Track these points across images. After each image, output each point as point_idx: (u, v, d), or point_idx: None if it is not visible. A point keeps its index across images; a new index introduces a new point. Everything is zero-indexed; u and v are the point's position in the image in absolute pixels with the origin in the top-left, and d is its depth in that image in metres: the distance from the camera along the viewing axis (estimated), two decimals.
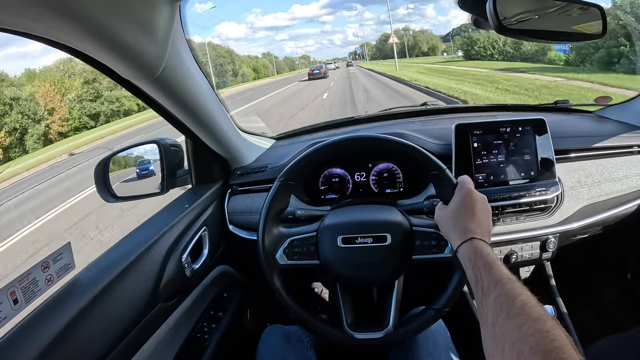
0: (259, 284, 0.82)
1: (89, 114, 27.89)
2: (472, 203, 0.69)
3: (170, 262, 0.86)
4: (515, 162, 1.04)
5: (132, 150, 1.11)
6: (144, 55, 0.65)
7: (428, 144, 1.10)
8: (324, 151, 0.83)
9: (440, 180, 0.77)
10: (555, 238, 1.06)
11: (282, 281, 0.81)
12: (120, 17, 0.57)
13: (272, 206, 0.81)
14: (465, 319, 1.06)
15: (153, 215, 0.98)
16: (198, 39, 75.53)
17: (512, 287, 0.51)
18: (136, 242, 0.82)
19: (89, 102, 28.06)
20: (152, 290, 0.80)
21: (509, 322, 0.46)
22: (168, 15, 0.65)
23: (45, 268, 0.67)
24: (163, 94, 0.79)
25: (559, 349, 0.40)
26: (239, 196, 1.14)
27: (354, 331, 0.79)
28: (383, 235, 0.78)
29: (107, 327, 0.69)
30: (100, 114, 28.02)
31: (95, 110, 27.98)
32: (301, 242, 0.82)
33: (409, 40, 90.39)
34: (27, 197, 7.84)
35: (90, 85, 28.51)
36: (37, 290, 0.65)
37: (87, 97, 28.21)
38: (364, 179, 1.12)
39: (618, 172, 1.09)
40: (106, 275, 0.71)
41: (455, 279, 0.77)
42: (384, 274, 0.80)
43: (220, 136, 1.03)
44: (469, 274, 0.60)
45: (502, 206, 1.03)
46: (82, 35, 0.56)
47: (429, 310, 0.79)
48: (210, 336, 1.00)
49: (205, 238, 1.01)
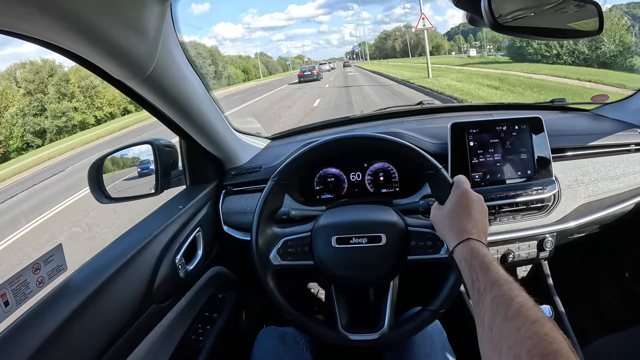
0: (254, 284, 0.82)
1: (33, 131, 23.90)
2: (469, 203, 0.68)
3: (164, 263, 0.85)
4: (512, 161, 1.03)
5: (125, 151, 1.10)
6: (134, 54, 0.64)
7: (424, 143, 1.09)
8: (317, 151, 0.82)
9: (436, 179, 0.77)
10: (552, 237, 1.05)
11: (276, 282, 0.81)
12: (110, 16, 0.56)
13: (265, 206, 0.80)
14: (461, 319, 1.06)
15: (147, 217, 0.97)
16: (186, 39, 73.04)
17: (508, 288, 0.50)
18: (129, 243, 0.81)
19: (33, 117, 24.14)
20: (145, 291, 0.79)
21: (506, 325, 0.46)
22: (158, 14, 0.64)
23: (36, 270, 0.67)
24: (154, 94, 0.78)
25: (557, 351, 0.39)
26: (233, 197, 1.13)
27: (349, 332, 0.78)
28: (378, 235, 0.77)
29: (99, 329, 0.69)
30: (46, 130, 24.15)
31: (40, 126, 24.06)
32: (295, 243, 0.81)
33: (411, 39, 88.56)
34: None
35: (32, 96, 24.71)
36: (28, 293, 0.64)
37: (31, 111, 24.32)
38: (360, 178, 1.12)
39: (615, 171, 1.09)
40: (98, 277, 0.71)
41: (452, 279, 0.76)
42: (379, 275, 0.79)
43: (214, 136, 1.02)
44: (465, 275, 0.60)
45: (499, 205, 1.02)
46: (71, 35, 0.55)
47: (424, 311, 0.78)
48: (204, 338, 0.99)
49: (200, 239, 1.00)
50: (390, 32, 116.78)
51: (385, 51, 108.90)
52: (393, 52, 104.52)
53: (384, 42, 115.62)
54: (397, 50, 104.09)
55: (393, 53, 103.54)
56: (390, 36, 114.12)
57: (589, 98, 1.40)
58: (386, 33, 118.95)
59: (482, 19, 0.68)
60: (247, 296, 1.22)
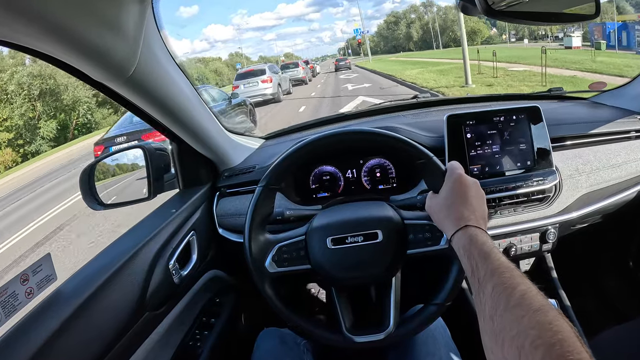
0: (253, 287, 0.80)
1: None
2: (464, 189, 0.66)
3: (157, 269, 0.83)
4: (511, 152, 1.01)
5: (116, 156, 1.08)
6: (113, 55, 0.62)
7: (420, 136, 1.07)
8: (304, 150, 0.79)
9: (429, 168, 0.74)
10: (554, 228, 1.04)
11: (274, 289, 0.78)
12: (85, 17, 0.54)
13: (256, 213, 0.78)
14: (464, 315, 1.04)
15: (139, 222, 0.95)
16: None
17: (510, 275, 0.48)
18: (120, 250, 0.79)
19: None
20: (139, 299, 0.77)
21: (507, 315, 0.43)
22: (138, 13, 0.62)
23: (24, 281, 0.65)
24: (138, 95, 0.76)
25: (563, 341, 0.37)
26: (227, 198, 1.11)
27: (354, 335, 0.75)
28: (374, 232, 0.75)
29: (92, 339, 0.67)
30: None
31: None
32: (290, 248, 0.78)
33: (433, 22, 63.17)
34: None
35: None
36: (17, 304, 0.62)
37: None
38: (356, 175, 1.10)
39: (616, 159, 1.07)
40: (89, 286, 0.69)
41: (454, 271, 0.74)
42: (379, 273, 0.77)
43: (205, 137, 1.00)
44: (464, 263, 0.57)
45: (499, 198, 1.00)
46: (46, 37, 0.53)
47: (429, 306, 0.76)
48: (203, 343, 0.97)
49: (194, 243, 0.98)
50: (400, 15, 76.08)
51: (396, 41, 74.63)
52: (407, 43, 71.05)
53: (392, 28, 76.28)
54: (415, 39, 69.05)
55: (406, 44, 70.93)
56: (402, 20, 74.60)
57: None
58: (396, 15, 77.07)
59: (474, 7, 0.66)
60: (246, 298, 1.20)
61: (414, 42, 69.19)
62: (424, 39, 66.42)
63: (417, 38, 68.93)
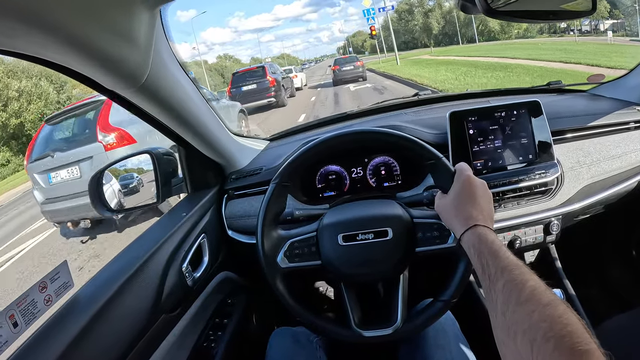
0: (263, 287, 0.81)
1: None
2: (473, 189, 0.68)
3: (171, 272, 0.84)
4: (513, 147, 1.03)
5: (125, 162, 1.10)
6: (125, 63, 0.64)
7: (423, 134, 1.09)
8: (316, 149, 0.82)
9: (438, 169, 0.76)
10: (558, 220, 1.05)
11: (285, 284, 0.80)
12: (98, 27, 0.55)
13: (268, 209, 0.80)
14: (473, 308, 1.06)
15: (150, 227, 0.96)
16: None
17: (519, 272, 0.50)
18: (134, 255, 0.81)
19: None
20: (154, 302, 0.79)
21: (519, 310, 0.45)
22: (148, 22, 0.63)
23: (43, 289, 0.66)
24: (149, 102, 0.77)
25: (572, 333, 0.39)
26: (235, 200, 1.13)
27: (363, 329, 0.77)
28: (384, 229, 0.77)
29: (110, 344, 0.68)
30: None
31: None
32: (301, 244, 0.80)
33: (458, 11, 25.27)
34: None
35: None
36: (36, 312, 0.64)
37: None
38: (361, 174, 1.11)
39: (616, 150, 1.08)
40: (106, 291, 0.70)
41: (461, 268, 0.75)
42: (388, 269, 0.79)
43: (212, 141, 1.02)
44: (474, 262, 0.59)
45: (503, 192, 1.02)
46: (60, 48, 0.54)
47: (436, 302, 0.78)
48: (217, 344, 0.98)
49: (205, 245, 0.99)
50: (415, 2, 57.23)
51: (410, 35, 57.98)
52: (424, 37, 55.66)
53: (406, 18, 57.56)
54: (435, 32, 54.00)
55: (423, 38, 55.79)
56: (416, 9, 56.56)
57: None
58: (409, 3, 57.62)
59: (474, 5, 0.67)
60: (257, 299, 1.22)
61: (434, 36, 54.72)
62: (444, 32, 53.23)
63: (438, 31, 54.53)
